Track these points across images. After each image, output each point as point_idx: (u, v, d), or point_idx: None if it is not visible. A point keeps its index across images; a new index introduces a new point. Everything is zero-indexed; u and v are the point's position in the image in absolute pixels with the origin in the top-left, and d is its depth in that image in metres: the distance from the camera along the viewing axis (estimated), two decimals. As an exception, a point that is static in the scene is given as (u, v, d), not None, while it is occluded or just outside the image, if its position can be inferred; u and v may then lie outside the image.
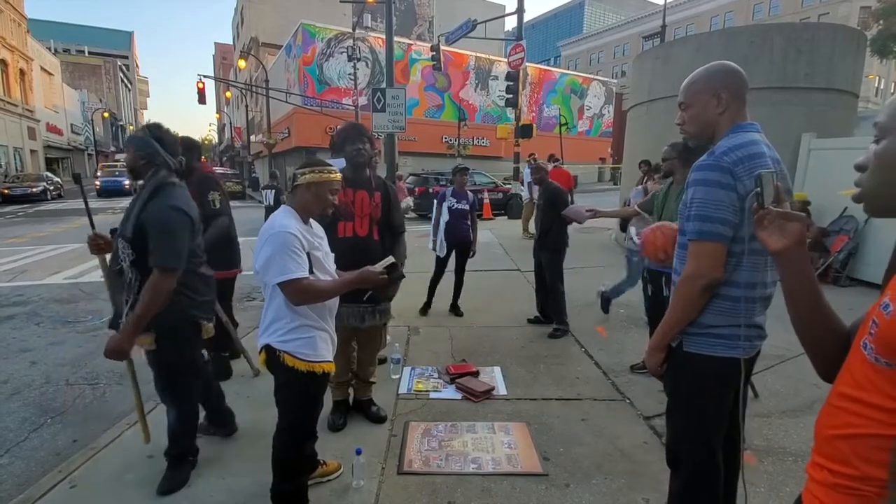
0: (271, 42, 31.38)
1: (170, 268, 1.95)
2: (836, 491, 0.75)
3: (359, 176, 2.61)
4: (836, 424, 0.76)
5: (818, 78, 6.31)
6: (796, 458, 2.43)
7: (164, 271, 1.94)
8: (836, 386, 0.79)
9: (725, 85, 1.41)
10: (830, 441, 0.77)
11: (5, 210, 16.89)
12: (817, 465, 0.79)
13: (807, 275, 0.89)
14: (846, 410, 0.75)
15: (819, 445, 0.81)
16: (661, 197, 3.10)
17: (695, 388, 1.46)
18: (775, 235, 0.89)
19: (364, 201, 2.59)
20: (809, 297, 0.89)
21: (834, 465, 0.75)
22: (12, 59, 27.52)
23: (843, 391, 0.76)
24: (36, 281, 6.60)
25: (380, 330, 2.80)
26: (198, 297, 2.18)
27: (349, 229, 2.56)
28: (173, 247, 1.97)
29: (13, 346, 4.24)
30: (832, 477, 0.75)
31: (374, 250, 2.51)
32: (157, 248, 1.94)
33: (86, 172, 40.61)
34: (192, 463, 2.30)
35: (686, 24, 44.54)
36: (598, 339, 4.14)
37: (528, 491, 2.20)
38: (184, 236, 2.02)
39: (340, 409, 2.76)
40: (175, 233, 1.99)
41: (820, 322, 0.89)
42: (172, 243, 1.97)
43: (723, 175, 1.31)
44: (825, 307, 0.89)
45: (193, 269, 2.15)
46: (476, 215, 4.91)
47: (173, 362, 2.14)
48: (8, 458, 2.63)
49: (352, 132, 2.61)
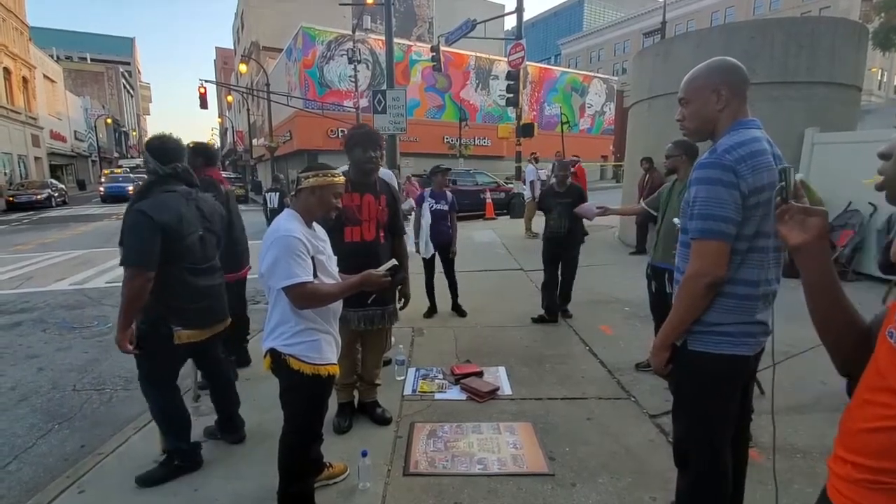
0: (272, 46, 31.47)
1: (130, 265, 2.02)
2: (862, 487, 0.74)
3: (365, 180, 2.60)
4: (866, 417, 0.75)
5: (820, 72, 6.27)
6: (804, 454, 2.41)
7: (127, 269, 2.03)
8: (865, 380, 0.79)
9: (725, 81, 1.40)
10: (859, 435, 0.76)
11: (11, 217, 16.99)
12: (840, 460, 0.78)
13: (827, 269, 0.88)
14: (875, 403, 0.74)
15: (845, 439, 0.79)
16: (666, 194, 3.13)
17: (700, 387, 1.46)
18: (796, 230, 0.89)
19: (371, 205, 2.58)
20: (829, 292, 0.88)
21: (861, 458, 0.74)
22: (15, 67, 27.71)
23: (871, 383, 0.76)
24: (42, 287, 6.64)
25: (386, 332, 2.80)
26: (175, 302, 2.17)
27: (356, 234, 2.55)
28: (132, 246, 2.05)
29: (20, 353, 4.27)
30: (858, 472, 0.74)
31: (382, 254, 2.51)
32: (123, 247, 2.07)
33: (90, 178, 40.86)
34: (178, 467, 2.30)
35: (686, 20, 44.38)
36: (602, 338, 4.13)
37: (534, 491, 2.19)
38: (145, 237, 2.04)
39: (346, 412, 2.76)
40: (134, 233, 2.05)
41: (840, 316, 0.89)
42: (132, 242, 2.05)
43: (725, 173, 1.31)
44: (845, 301, 0.89)
45: (176, 274, 2.15)
46: (455, 215, 4.83)
47: (143, 363, 2.22)
48: (16, 464, 2.65)
49: (365, 139, 2.57)
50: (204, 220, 2.32)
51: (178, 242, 2.13)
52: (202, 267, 2.28)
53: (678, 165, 3.11)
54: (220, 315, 2.41)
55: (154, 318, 2.15)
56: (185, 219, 2.17)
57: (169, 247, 2.09)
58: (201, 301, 2.26)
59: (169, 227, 2.08)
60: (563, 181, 4.52)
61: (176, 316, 2.18)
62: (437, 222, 4.70)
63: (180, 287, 2.18)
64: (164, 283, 2.09)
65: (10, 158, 26.92)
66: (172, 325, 2.17)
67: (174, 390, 2.32)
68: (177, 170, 2.23)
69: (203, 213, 2.32)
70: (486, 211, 13.07)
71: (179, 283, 2.17)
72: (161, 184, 2.19)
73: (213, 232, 2.39)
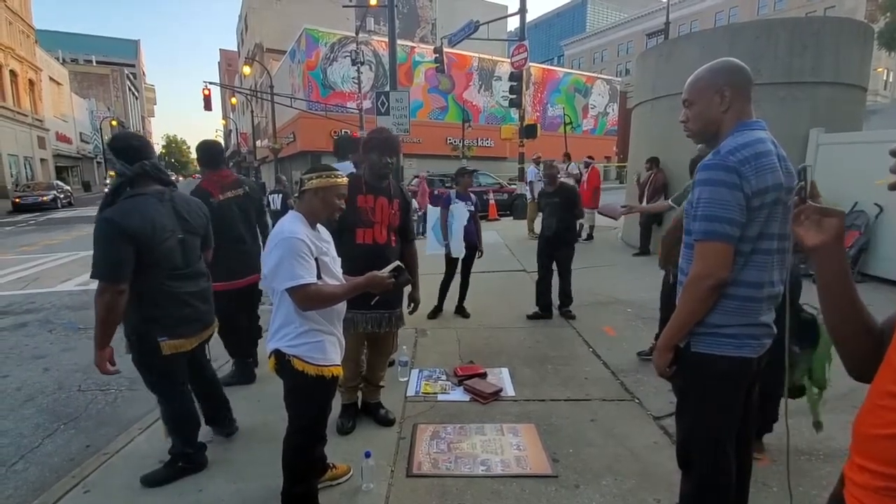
0: (275, 48, 31.61)
1: (99, 279, 1.90)
2: (883, 495, 0.71)
3: (379, 183, 2.60)
4: (883, 423, 0.73)
5: (825, 72, 6.24)
6: (810, 457, 2.40)
7: (98, 283, 1.91)
8: (878, 384, 0.77)
9: (729, 82, 1.39)
10: (875, 441, 0.74)
11: (17, 219, 17.12)
12: (857, 467, 0.76)
13: (843, 271, 0.87)
14: (889, 408, 0.72)
15: (861, 446, 0.77)
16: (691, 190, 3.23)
17: (703, 389, 1.45)
18: (812, 231, 0.87)
19: (384, 208, 2.58)
20: (844, 294, 0.87)
21: (880, 466, 0.72)
22: (21, 70, 27.94)
23: (887, 388, 0.74)
24: (48, 288, 6.68)
25: (393, 335, 2.81)
26: (157, 312, 2.07)
27: (368, 236, 2.54)
28: (99, 258, 1.91)
29: (26, 353, 4.30)
30: (875, 480, 0.72)
31: (392, 257, 2.48)
32: (92, 259, 1.93)
33: (95, 180, 41.14)
34: (182, 469, 2.30)
35: (690, 21, 44.29)
36: (606, 339, 4.12)
37: (537, 492, 2.19)
38: (113, 248, 1.90)
39: (349, 413, 2.77)
40: (101, 244, 1.91)
41: (855, 318, 0.87)
42: (99, 254, 1.91)
43: (728, 174, 1.30)
44: (860, 304, 0.87)
45: (156, 282, 2.04)
46: (478, 216, 4.94)
47: (144, 373, 2.19)
48: (23, 463, 2.67)
49: (384, 145, 2.56)
50: (182, 222, 2.16)
51: (153, 249, 1.99)
52: (184, 272, 2.15)
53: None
54: (207, 321, 2.30)
55: (139, 330, 2.06)
56: (158, 223, 2.02)
57: (144, 254, 1.96)
58: (184, 308, 2.14)
59: (140, 234, 1.94)
60: (552, 181, 4.57)
61: (160, 326, 2.07)
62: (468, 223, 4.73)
63: (161, 295, 2.06)
64: (142, 292, 1.99)
65: (16, 160, 27.14)
66: (157, 335, 2.06)
67: (183, 395, 2.30)
68: (144, 168, 2.05)
69: (180, 214, 2.16)
70: (489, 212, 13.07)
71: (159, 291, 2.05)
72: (129, 186, 2.05)
73: (195, 233, 2.23)
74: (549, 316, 4.67)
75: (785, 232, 1.36)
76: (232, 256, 3.08)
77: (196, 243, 2.26)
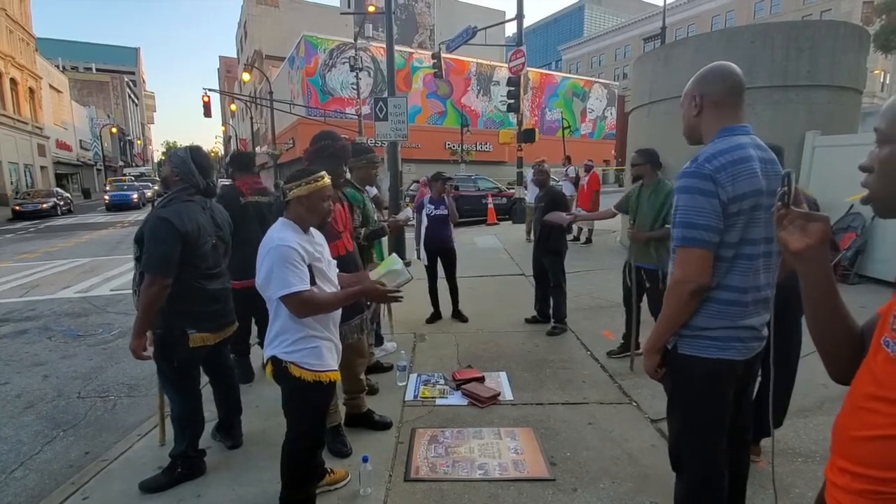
0: (274, 54, 31.79)
1: (151, 273, 2.08)
2: (864, 497, 0.72)
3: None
4: (863, 425, 0.73)
5: (820, 75, 6.28)
6: (805, 458, 2.41)
7: (147, 276, 2.09)
8: (857, 387, 0.77)
9: (701, 90, 1.43)
10: (855, 443, 0.74)
11: (17, 226, 17.13)
12: (838, 469, 0.77)
13: (827, 275, 0.86)
14: (871, 411, 0.72)
15: (841, 448, 0.78)
16: (634, 198, 3.52)
17: (689, 390, 1.47)
18: (796, 235, 0.87)
19: (342, 214, 2.61)
20: (828, 298, 0.86)
21: (859, 467, 0.73)
22: (22, 78, 28.05)
23: (866, 391, 0.74)
24: (48, 295, 6.69)
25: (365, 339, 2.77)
26: (192, 307, 2.25)
27: (341, 248, 2.49)
28: (155, 253, 2.11)
29: (26, 360, 4.30)
30: (856, 482, 0.73)
31: (358, 261, 2.57)
32: (144, 253, 2.13)
33: (95, 187, 41.19)
34: (181, 474, 2.32)
35: (687, 25, 44.54)
36: (604, 343, 4.13)
37: (535, 496, 2.20)
38: (167, 245, 2.11)
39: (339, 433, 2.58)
40: (157, 240, 2.12)
41: (837, 323, 0.87)
42: (154, 250, 2.11)
43: (703, 182, 1.32)
44: (843, 309, 0.87)
45: (191, 279, 2.23)
46: (455, 219, 4.84)
47: (163, 367, 2.28)
48: (22, 470, 2.67)
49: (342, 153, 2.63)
50: (217, 229, 2.43)
51: (195, 250, 2.22)
52: (213, 272, 2.37)
53: (643, 172, 3.53)
54: (229, 318, 2.47)
55: (169, 323, 2.22)
56: (203, 227, 2.28)
57: (187, 254, 2.18)
58: (213, 304, 2.35)
59: (190, 235, 2.18)
60: (541, 185, 4.60)
61: (189, 319, 2.26)
62: (438, 227, 4.73)
63: (194, 292, 2.26)
64: (179, 288, 2.17)
65: (16, 168, 27.20)
66: (186, 328, 2.25)
67: (195, 393, 2.38)
68: (210, 184, 2.39)
69: (216, 222, 2.44)
70: (487, 216, 13.09)
71: (193, 288, 2.25)
72: (190, 193, 2.31)
73: (223, 240, 2.50)
74: (548, 320, 4.62)
75: (771, 236, 1.38)
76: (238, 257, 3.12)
77: (222, 248, 2.50)
